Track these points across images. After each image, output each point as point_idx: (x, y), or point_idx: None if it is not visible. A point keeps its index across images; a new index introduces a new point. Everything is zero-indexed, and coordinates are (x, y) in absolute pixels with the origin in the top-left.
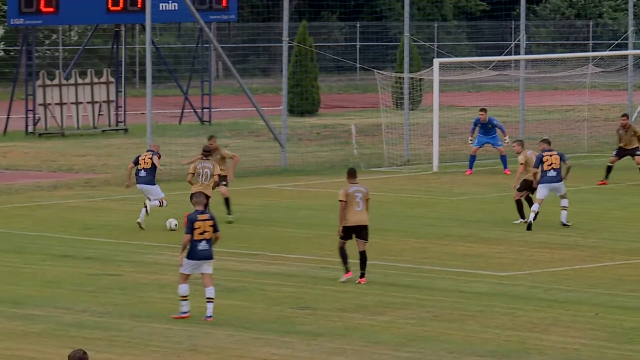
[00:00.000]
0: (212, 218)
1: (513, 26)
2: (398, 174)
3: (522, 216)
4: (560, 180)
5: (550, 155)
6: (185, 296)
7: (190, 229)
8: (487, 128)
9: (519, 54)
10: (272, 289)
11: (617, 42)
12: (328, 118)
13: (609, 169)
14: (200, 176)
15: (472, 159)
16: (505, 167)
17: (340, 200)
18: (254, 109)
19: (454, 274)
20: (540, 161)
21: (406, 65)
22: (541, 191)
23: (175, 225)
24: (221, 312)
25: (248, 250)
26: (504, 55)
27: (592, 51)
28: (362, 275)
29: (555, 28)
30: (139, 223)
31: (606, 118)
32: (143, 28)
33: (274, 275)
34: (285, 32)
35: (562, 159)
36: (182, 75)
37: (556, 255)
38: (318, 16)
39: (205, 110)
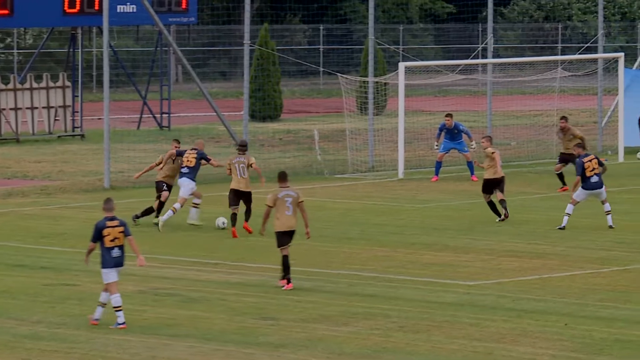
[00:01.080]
0: (122, 224)
1: (480, 29)
2: (362, 181)
3: (499, 214)
4: (602, 186)
5: (590, 160)
6: (105, 303)
7: (97, 236)
8: (453, 133)
9: (486, 57)
10: (234, 299)
11: (586, 45)
12: (290, 123)
13: (560, 176)
14: (238, 171)
15: (438, 165)
16: (472, 174)
17: (267, 205)
18: (215, 114)
19: (420, 283)
20: (582, 168)
21: (371, 69)
22: (581, 195)
23: (224, 223)
24: (181, 322)
25: (209, 259)
26: (471, 58)
27: (561, 54)
28: (288, 281)
29: (523, 31)
30: (192, 224)
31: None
32: (100, 31)
33: (236, 285)
34: (246, 35)
35: (599, 162)
36: (141, 80)
37: (525, 264)
38: (280, 19)
39: (164, 115)
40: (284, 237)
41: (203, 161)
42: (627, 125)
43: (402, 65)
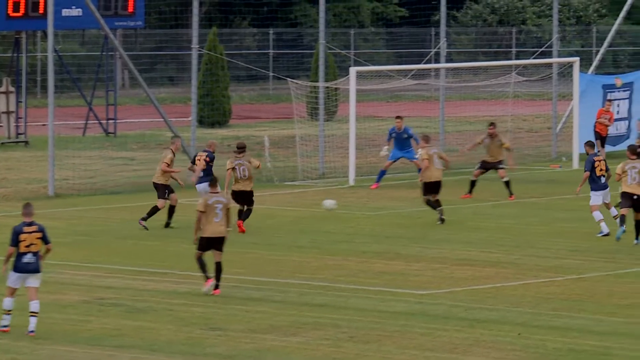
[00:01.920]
0: (40, 230)
1: (433, 33)
2: (313, 188)
3: (440, 214)
4: (607, 187)
5: (600, 161)
6: (9, 310)
7: (15, 241)
8: (402, 139)
9: (439, 62)
10: (181, 309)
11: (541, 49)
12: (240, 129)
13: (473, 183)
14: (238, 172)
15: (382, 173)
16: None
17: (198, 211)
18: (162, 119)
19: (371, 292)
20: (592, 165)
21: (321, 74)
22: (597, 198)
23: (334, 204)
24: (127, 333)
25: (156, 268)
26: (424, 63)
27: (516, 59)
28: (216, 287)
29: (477, 35)
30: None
31: (530, 129)
32: (45, 35)
33: (183, 294)
34: (194, 39)
35: (606, 167)
36: (86, 85)
37: (477, 273)
38: (229, 22)
39: (110, 121)
40: (209, 243)
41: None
42: (582, 132)
43: (353, 70)
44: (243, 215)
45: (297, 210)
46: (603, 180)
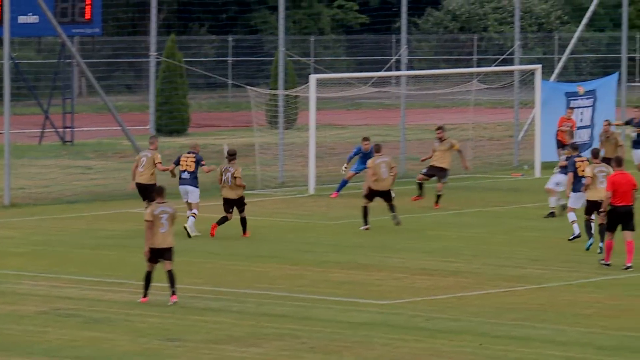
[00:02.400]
0: None
1: (394, 40)
2: (272, 197)
3: (366, 222)
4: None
5: (582, 162)
6: None
7: None
8: (368, 157)
9: (399, 69)
10: (139, 319)
11: (502, 57)
12: (198, 138)
13: (420, 185)
14: (223, 179)
15: (344, 183)
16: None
17: (146, 221)
18: (119, 128)
19: (331, 302)
20: (574, 166)
21: (281, 82)
22: (577, 201)
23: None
24: (83, 344)
25: (114, 278)
26: (384, 70)
27: (477, 66)
28: (173, 293)
29: (438, 42)
30: (186, 228)
31: (491, 137)
32: (1, 42)
33: (141, 305)
34: (152, 47)
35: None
36: (43, 93)
37: (438, 282)
38: (187, 29)
39: (67, 129)
40: (157, 254)
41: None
42: (544, 140)
43: (313, 78)
44: (242, 227)
45: (257, 219)
46: (584, 181)
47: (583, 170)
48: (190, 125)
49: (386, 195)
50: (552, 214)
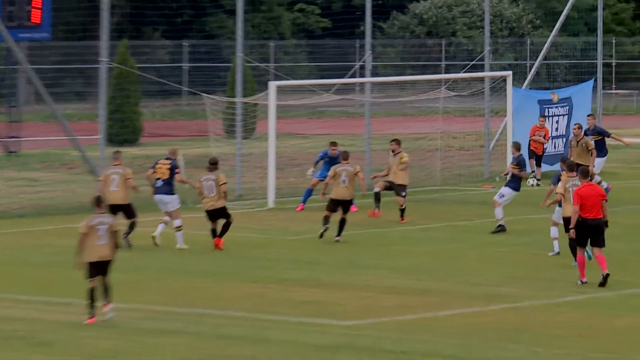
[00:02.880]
0: None
1: (358, 45)
2: (230, 211)
3: (325, 225)
4: None
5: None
6: None
7: None
8: (335, 163)
9: (364, 76)
10: (89, 342)
11: (472, 62)
12: (151, 148)
13: (377, 197)
14: (205, 189)
15: (309, 193)
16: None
17: (81, 233)
18: (68, 137)
19: (293, 323)
20: (558, 179)
21: (239, 89)
22: (559, 216)
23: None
24: None
25: (64, 298)
26: (348, 77)
27: (445, 73)
28: (107, 303)
29: (404, 48)
30: (154, 237)
31: (461, 147)
32: None
33: (92, 326)
34: (103, 52)
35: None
36: None
37: (406, 302)
38: (141, 34)
39: (12, 139)
40: (95, 268)
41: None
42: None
43: (272, 85)
44: (220, 231)
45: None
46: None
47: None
48: (142, 135)
49: (345, 207)
50: (500, 228)
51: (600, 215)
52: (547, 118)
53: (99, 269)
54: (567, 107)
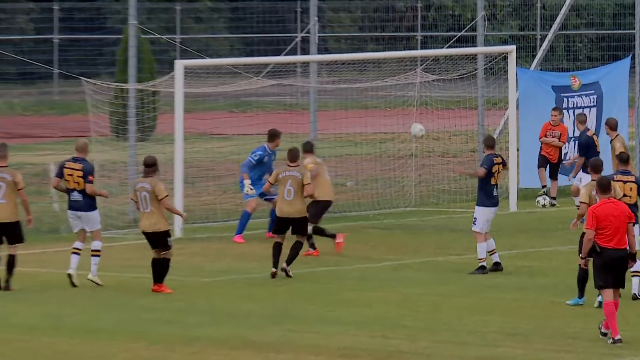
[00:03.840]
0: None
1: (299, 9)
2: (119, 242)
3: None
4: None
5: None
6: None
7: None
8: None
9: (308, 52)
10: None
11: (459, 34)
12: (11, 154)
13: (319, 231)
14: (140, 203)
15: (246, 217)
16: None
17: None
18: None
19: None
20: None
21: (132, 70)
22: None
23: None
24: None
25: None
26: (285, 54)
27: (422, 48)
28: None
29: (364, 13)
30: (70, 275)
31: (445, 152)
32: None
33: None
34: None
35: None
36: None
37: None
38: None
39: None
40: None
41: None
42: (524, 156)
43: (180, 65)
44: (154, 273)
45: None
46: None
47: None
48: None
49: (297, 227)
50: (482, 269)
51: (624, 244)
52: (563, 111)
53: None
54: (594, 96)
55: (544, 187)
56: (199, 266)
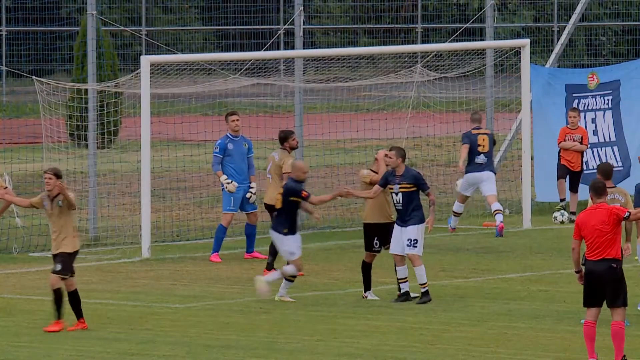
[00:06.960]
0: None
1: None
2: (79, 263)
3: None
4: None
5: None
6: None
7: None
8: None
9: (292, 47)
10: None
11: (465, 25)
12: None
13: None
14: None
15: (222, 232)
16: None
17: None
18: None
19: None
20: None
21: (91, 68)
22: None
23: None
24: None
25: None
26: (266, 49)
27: (423, 42)
28: None
29: (355, 3)
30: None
31: (448, 161)
32: None
33: None
34: None
35: None
36: None
37: None
38: None
39: None
40: None
41: None
42: (538, 165)
43: (146, 61)
44: (72, 307)
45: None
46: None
47: None
48: None
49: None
50: (405, 295)
51: (611, 254)
52: (579, 112)
53: None
54: (610, 98)
55: (562, 200)
56: (169, 290)
